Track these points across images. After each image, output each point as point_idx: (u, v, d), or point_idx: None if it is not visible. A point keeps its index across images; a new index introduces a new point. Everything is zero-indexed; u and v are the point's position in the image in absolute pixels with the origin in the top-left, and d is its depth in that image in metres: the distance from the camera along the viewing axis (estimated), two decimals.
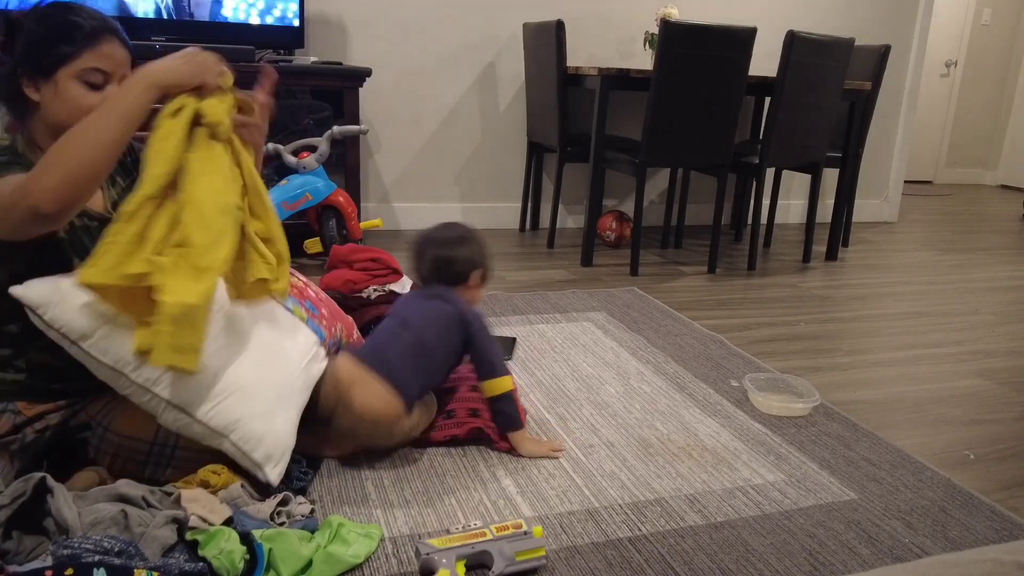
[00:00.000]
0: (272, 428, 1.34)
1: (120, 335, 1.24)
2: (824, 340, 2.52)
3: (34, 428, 1.32)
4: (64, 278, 1.25)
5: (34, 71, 1.26)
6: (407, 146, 3.70)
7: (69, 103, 1.26)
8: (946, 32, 6.55)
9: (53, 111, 1.27)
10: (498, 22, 3.68)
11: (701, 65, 2.97)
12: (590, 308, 2.66)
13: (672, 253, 3.66)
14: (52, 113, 1.27)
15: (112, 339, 1.23)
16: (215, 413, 1.29)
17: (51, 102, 1.27)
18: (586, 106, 3.86)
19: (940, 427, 1.92)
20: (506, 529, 1.26)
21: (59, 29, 1.26)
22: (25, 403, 1.32)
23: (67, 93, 1.26)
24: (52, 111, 1.27)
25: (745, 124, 4.15)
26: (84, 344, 1.23)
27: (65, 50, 1.25)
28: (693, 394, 2.00)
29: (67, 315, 1.22)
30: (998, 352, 2.49)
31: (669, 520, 1.43)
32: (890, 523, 1.46)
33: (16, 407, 1.31)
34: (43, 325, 1.22)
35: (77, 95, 1.26)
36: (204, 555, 1.11)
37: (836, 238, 3.68)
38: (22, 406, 1.31)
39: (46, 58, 1.25)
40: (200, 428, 1.29)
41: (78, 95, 1.26)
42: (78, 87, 1.26)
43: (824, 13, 4.25)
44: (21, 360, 1.31)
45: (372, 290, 2.15)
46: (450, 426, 1.63)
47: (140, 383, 1.25)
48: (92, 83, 1.27)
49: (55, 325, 1.22)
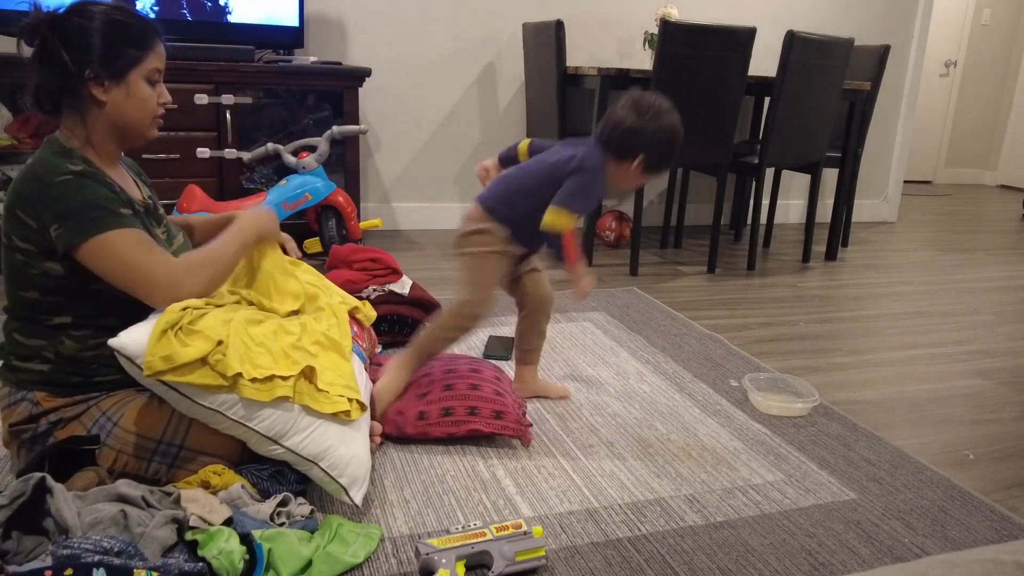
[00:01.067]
0: (355, 452, 1.37)
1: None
2: (824, 340, 2.52)
3: (48, 419, 1.33)
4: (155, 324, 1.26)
5: (106, 73, 1.30)
6: (407, 146, 3.70)
7: (141, 103, 1.35)
8: (946, 32, 6.56)
9: (125, 111, 1.34)
10: (498, 22, 3.68)
11: (700, 65, 2.97)
12: (590, 308, 2.66)
13: (672, 253, 3.66)
14: (123, 113, 1.34)
15: None
16: (308, 442, 1.32)
17: (122, 103, 1.33)
18: (586, 106, 3.86)
19: (940, 427, 1.92)
20: (506, 529, 1.26)
21: (126, 32, 1.31)
22: (45, 394, 1.33)
23: (139, 94, 1.34)
24: (123, 111, 1.34)
25: (745, 124, 4.15)
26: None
27: (136, 53, 1.32)
28: (693, 394, 2.00)
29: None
30: (997, 352, 2.49)
31: (669, 520, 1.43)
32: (890, 523, 1.46)
33: (35, 397, 1.33)
34: (139, 374, 1.24)
35: (147, 95, 1.35)
36: (204, 555, 1.11)
37: (836, 238, 3.68)
38: (40, 397, 1.33)
39: (119, 60, 1.31)
40: (291, 456, 1.33)
41: (148, 95, 1.35)
42: (146, 87, 1.35)
43: (824, 13, 4.25)
44: (51, 351, 1.33)
45: (372, 290, 2.15)
46: (448, 424, 1.63)
47: (237, 420, 1.29)
48: (153, 81, 1.36)
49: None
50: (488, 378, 1.75)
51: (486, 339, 2.28)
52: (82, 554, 1.00)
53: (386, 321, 2.15)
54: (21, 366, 1.34)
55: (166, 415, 1.34)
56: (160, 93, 1.38)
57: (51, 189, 1.26)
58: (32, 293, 1.31)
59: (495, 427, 1.63)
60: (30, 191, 1.27)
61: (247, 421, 1.29)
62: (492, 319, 2.48)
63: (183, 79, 2.82)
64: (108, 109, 1.32)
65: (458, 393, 1.67)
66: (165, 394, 1.27)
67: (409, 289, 2.19)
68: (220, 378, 1.25)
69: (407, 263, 3.14)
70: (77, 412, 1.34)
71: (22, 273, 1.30)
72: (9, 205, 1.28)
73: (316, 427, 1.33)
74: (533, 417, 1.81)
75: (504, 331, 2.37)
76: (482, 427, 1.62)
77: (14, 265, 1.31)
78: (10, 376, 1.35)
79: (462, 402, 1.65)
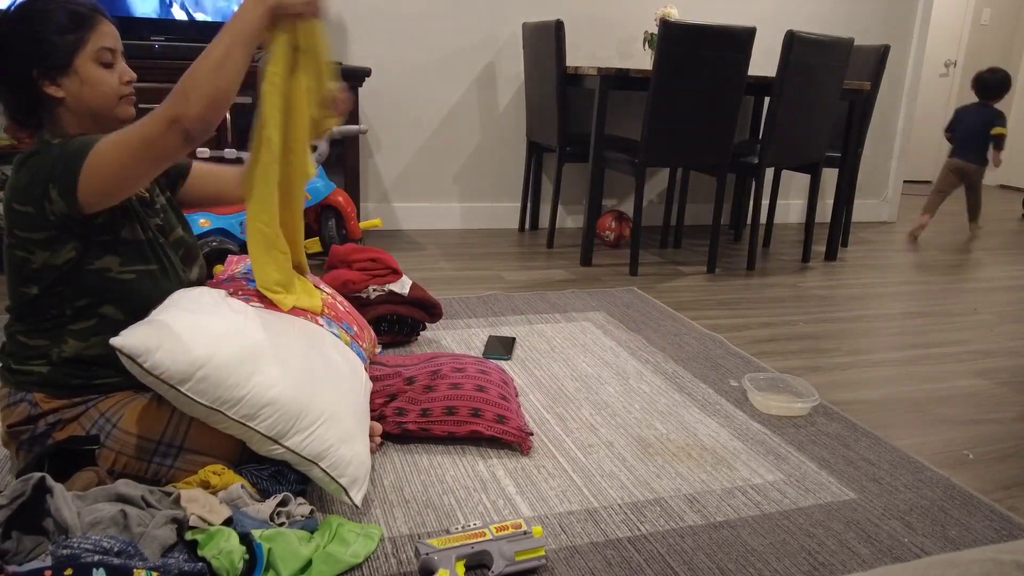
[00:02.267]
0: (356, 452, 1.37)
1: (216, 376, 1.27)
2: (823, 340, 2.52)
3: (47, 420, 1.33)
4: (157, 323, 1.27)
5: (52, 68, 1.28)
6: (406, 146, 3.70)
7: (97, 86, 1.30)
8: (945, 32, 6.56)
9: (83, 99, 1.30)
10: (498, 22, 3.68)
11: (700, 65, 2.97)
12: (589, 308, 2.66)
13: (671, 253, 3.66)
14: (83, 102, 1.30)
15: (209, 381, 1.26)
16: (308, 442, 1.32)
17: (79, 92, 1.30)
18: (585, 106, 3.86)
19: (939, 427, 1.92)
20: (506, 529, 1.26)
21: (57, 20, 1.27)
22: (43, 395, 1.33)
23: (92, 77, 1.30)
24: (82, 99, 1.30)
25: (744, 124, 4.15)
26: (183, 388, 1.25)
27: (73, 38, 1.27)
28: (692, 394, 2.00)
29: (168, 361, 1.23)
30: (997, 352, 2.49)
31: (668, 520, 1.43)
32: (889, 523, 1.46)
33: (34, 398, 1.33)
34: (141, 373, 1.23)
35: (102, 76, 1.31)
36: (203, 555, 1.11)
37: (835, 238, 3.68)
38: (39, 398, 1.33)
39: (59, 51, 1.27)
40: (292, 456, 1.32)
41: (102, 76, 1.31)
42: (98, 69, 1.30)
43: (824, 13, 4.25)
44: (53, 351, 1.33)
45: (371, 290, 2.15)
46: (450, 423, 1.63)
47: (238, 419, 1.28)
48: (106, 63, 1.31)
49: (155, 372, 1.23)
50: (495, 381, 1.75)
51: (486, 339, 2.28)
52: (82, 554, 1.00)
53: (386, 321, 2.15)
54: (21, 368, 1.34)
55: (165, 416, 1.34)
56: (121, 72, 1.34)
57: (35, 164, 1.25)
58: (33, 289, 1.31)
59: (496, 431, 1.63)
60: (19, 180, 1.26)
61: (248, 420, 1.29)
62: (492, 319, 2.48)
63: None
64: (68, 102, 1.30)
65: (464, 393, 1.67)
66: (166, 393, 1.27)
67: (409, 289, 2.19)
68: None
69: (407, 263, 3.14)
70: (76, 413, 1.34)
71: (23, 269, 1.30)
72: (6, 201, 1.28)
73: (317, 427, 1.33)
74: (533, 417, 1.81)
75: (504, 331, 2.37)
76: (483, 430, 1.62)
77: (14, 263, 1.31)
78: (9, 377, 1.35)
79: (467, 403, 1.65)
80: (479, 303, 2.64)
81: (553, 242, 3.63)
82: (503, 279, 3.00)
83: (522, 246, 3.61)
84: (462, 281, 2.95)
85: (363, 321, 1.90)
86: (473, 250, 3.46)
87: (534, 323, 2.47)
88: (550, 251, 3.53)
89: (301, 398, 1.33)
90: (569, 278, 3.08)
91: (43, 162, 1.25)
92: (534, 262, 3.31)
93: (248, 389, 1.28)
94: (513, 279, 3.01)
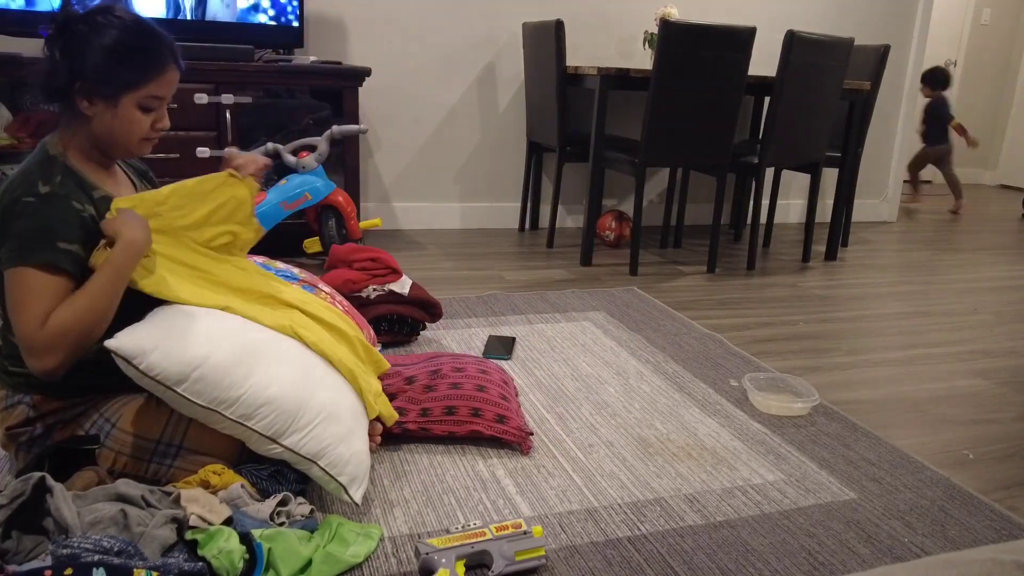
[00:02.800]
0: (354, 450, 1.37)
1: (213, 376, 1.26)
2: (823, 340, 2.52)
3: (45, 422, 1.33)
4: (151, 325, 1.26)
5: (95, 90, 1.26)
6: (406, 146, 3.70)
7: (127, 126, 1.29)
8: (945, 32, 6.55)
9: (106, 130, 1.29)
10: (498, 22, 3.68)
11: (700, 65, 2.97)
12: (589, 308, 2.66)
13: (671, 253, 3.66)
14: (104, 132, 1.29)
15: (205, 381, 1.26)
16: (306, 441, 1.32)
17: (107, 122, 1.28)
18: (585, 106, 3.86)
19: (939, 427, 1.92)
20: (506, 529, 1.26)
21: (134, 52, 1.26)
22: (41, 397, 1.33)
23: (127, 117, 1.29)
24: (105, 130, 1.29)
25: (744, 124, 4.15)
26: (179, 389, 1.25)
27: (133, 78, 1.27)
28: (692, 394, 2.00)
29: (164, 362, 1.23)
30: (997, 352, 2.49)
31: (668, 520, 1.43)
32: (889, 523, 1.46)
33: (31, 400, 1.33)
34: (137, 375, 1.23)
35: (136, 119, 1.29)
36: (204, 555, 1.11)
37: (835, 238, 3.68)
38: (37, 400, 1.33)
39: (113, 82, 1.26)
40: (290, 455, 1.32)
41: (137, 119, 1.30)
42: (137, 112, 1.29)
43: (824, 13, 4.25)
44: None
45: (372, 290, 2.15)
46: (450, 423, 1.63)
47: (235, 419, 1.28)
48: (147, 108, 1.30)
49: (151, 373, 1.23)
50: (495, 381, 1.75)
51: (486, 339, 2.28)
52: (82, 554, 1.00)
53: (386, 321, 2.15)
54: (18, 369, 1.33)
55: (164, 416, 1.34)
56: (157, 118, 1.33)
57: (14, 207, 1.22)
58: None
59: (496, 431, 1.63)
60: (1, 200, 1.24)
61: (245, 420, 1.28)
62: (492, 319, 2.48)
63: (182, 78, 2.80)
64: (94, 124, 1.29)
65: (464, 393, 1.67)
66: (163, 395, 1.26)
67: (409, 289, 2.19)
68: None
69: (407, 263, 3.14)
70: (74, 414, 1.34)
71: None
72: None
73: (315, 426, 1.33)
74: (533, 417, 1.81)
75: (504, 331, 2.37)
76: (483, 429, 1.62)
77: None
78: (6, 379, 1.34)
79: (467, 403, 1.65)
80: (479, 303, 2.64)
81: (553, 242, 3.62)
82: (503, 279, 3.00)
83: (522, 246, 3.60)
84: (462, 281, 2.95)
85: (363, 321, 1.90)
86: (473, 250, 3.46)
87: (534, 323, 2.47)
88: (550, 251, 3.53)
89: (298, 397, 1.33)
90: (569, 278, 3.08)
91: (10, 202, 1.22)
92: (534, 262, 3.31)
93: (245, 389, 1.28)
94: (513, 279, 3.01)
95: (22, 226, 1.22)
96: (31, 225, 1.22)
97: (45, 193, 1.24)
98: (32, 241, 1.22)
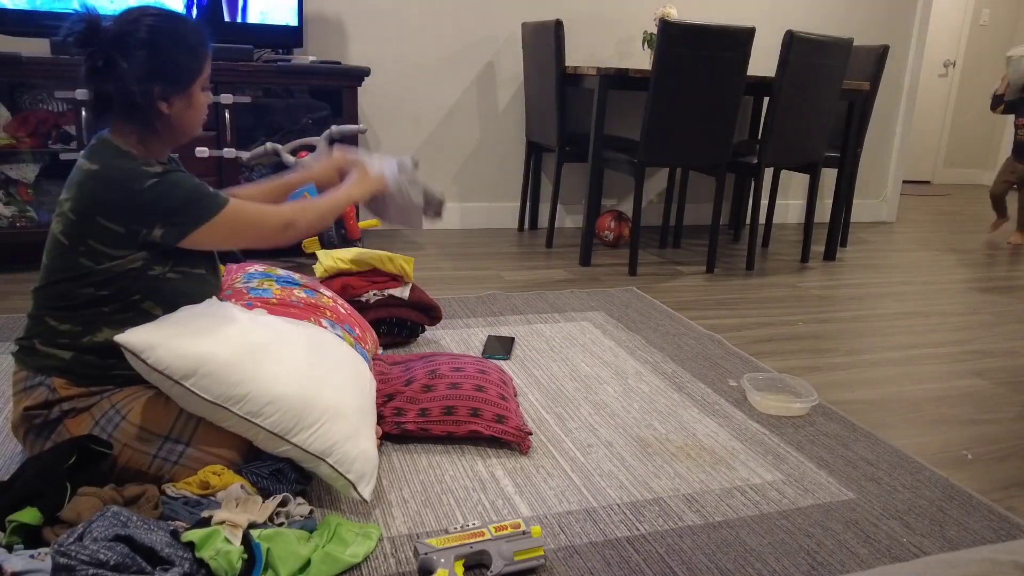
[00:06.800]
0: (362, 448, 1.38)
1: (220, 372, 1.28)
2: (822, 340, 2.52)
3: (61, 407, 1.34)
4: (161, 321, 1.31)
5: (172, 88, 1.35)
6: (406, 145, 3.70)
7: (199, 112, 1.42)
8: (945, 32, 6.56)
9: (186, 120, 1.40)
10: (497, 22, 3.68)
11: (700, 65, 2.97)
12: (588, 308, 2.66)
13: (670, 253, 3.66)
14: (183, 122, 1.40)
15: (213, 377, 1.28)
16: (314, 439, 1.33)
17: (184, 113, 1.39)
18: (585, 106, 3.86)
19: (938, 427, 1.93)
20: (504, 529, 1.26)
21: (186, 46, 1.35)
22: (63, 381, 1.34)
23: (199, 103, 1.41)
24: (185, 120, 1.40)
25: (744, 124, 4.15)
26: (187, 383, 1.27)
27: (197, 64, 1.38)
28: (691, 394, 2.00)
29: (170, 356, 1.26)
30: (996, 352, 2.49)
31: (667, 520, 1.43)
32: (888, 523, 1.46)
33: (52, 384, 1.34)
34: (146, 369, 1.26)
35: (204, 102, 1.43)
36: (201, 556, 1.10)
37: (834, 238, 3.68)
38: (58, 384, 1.34)
39: (184, 75, 1.36)
40: (299, 453, 1.34)
41: (204, 102, 1.43)
42: (203, 96, 1.42)
43: (823, 13, 4.26)
44: (86, 338, 1.34)
45: (372, 295, 2.14)
46: (449, 423, 1.63)
47: (243, 415, 1.30)
48: (205, 88, 1.42)
49: (159, 367, 1.25)
50: (494, 381, 1.75)
51: (485, 339, 2.28)
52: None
53: (385, 323, 2.14)
54: (44, 350, 1.34)
55: (174, 412, 1.35)
56: (207, 97, 1.44)
57: (144, 195, 1.30)
58: (88, 289, 1.32)
59: (495, 431, 1.63)
60: (116, 199, 1.29)
61: (253, 417, 1.30)
62: (491, 319, 2.48)
63: None
64: (171, 119, 1.37)
65: (463, 393, 1.67)
66: (171, 390, 1.28)
67: (408, 292, 2.19)
68: None
69: None
70: (89, 403, 1.35)
71: (82, 273, 1.31)
72: (85, 212, 1.30)
73: (322, 424, 1.34)
74: (532, 417, 1.81)
75: (503, 331, 2.37)
76: (482, 429, 1.62)
77: (72, 266, 1.32)
78: (29, 361, 1.35)
79: (466, 403, 1.65)
80: (478, 303, 2.64)
81: (552, 242, 3.63)
82: (502, 279, 3.00)
83: (521, 246, 3.61)
84: (461, 281, 2.95)
85: (365, 323, 1.90)
86: (472, 250, 3.46)
87: (533, 323, 2.47)
88: (549, 251, 3.53)
89: (305, 395, 1.34)
90: (568, 278, 3.08)
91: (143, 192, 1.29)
92: (533, 262, 3.31)
93: (252, 386, 1.29)
94: (512, 279, 3.01)
95: (176, 199, 1.32)
96: (182, 195, 1.32)
97: (159, 172, 1.33)
98: (196, 200, 1.34)
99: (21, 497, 1.15)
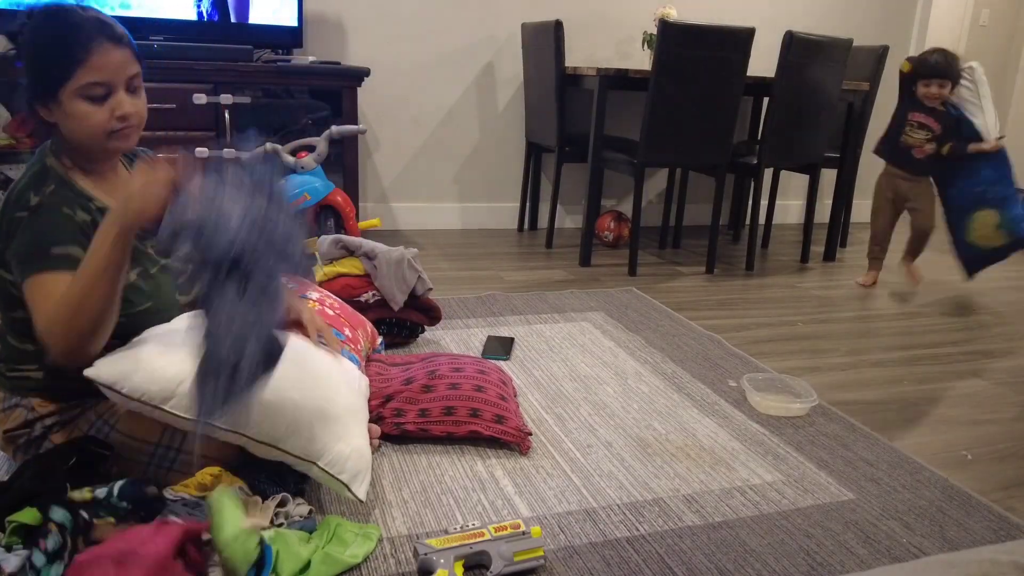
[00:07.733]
0: (354, 447, 1.37)
1: None
2: (822, 340, 2.52)
3: (43, 423, 1.33)
4: (130, 348, 1.27)
5: (40, 95, 1.24)
6: (405, 146, 3.70)
7: (80, 121, 1.23)
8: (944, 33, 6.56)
9: (68, 130, 1.26)
10: (497, 22, 3.68)
11: (699, 65, 2.97)
12: (588, 308, 2.66)
13: (670, 253, 3.66)
14: (68, 132, 1.26)
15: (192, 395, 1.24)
16: (304, 443, 1.32)
17: (65, 122, 1.25)
18: (584, 106, 3.86)
19: (938, 427, 1.93)
20: (504, 529, 1.26)
21: (48, 48, 1.22)
22: (40, 400, 1.33)
23: (77, 111, 1.23)
24: (68, 131, 1.26)
25: (743, 124, 4.15)
26: (167, 406, 1.25)
27: (57, 71, 1.20)
28: (691, 394, 2.00)
29: (145, 383, 1.23)
30: (996, 352, 2.49)
31: (667, 520, 1.43)
32: (888, 523, 1.46)
33: (30, 403, 1.32)
34: (121, 399, 1.23)
35: (87, 112, 1.23)
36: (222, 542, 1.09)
37: (834, 238, 3.68)
38: (36, 402, 1.32)
39: (45, 81, 1.22)
40: (289, 458, 1.32)
41: (87, 112, 1.23)
42: (83, 104, 1.22)
43: (822, 14, 4.26)
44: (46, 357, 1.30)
45: (371, 295, 2.14)
46: (448, 423, 1.63)
47: (228, 429, 1.28)
48: (94, 97, 1.23)
49: (135, 396, 1.23)
50: (494, 381, 1.75)
51: (485, 339, 2.28)
52: None
53: (385, 323, 2.14)
54: (14, 373, 1.32)
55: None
56: (115, 106, 1.24)
57: (11, 226, 1.23)
58: (19, 312, 1.27)
59: (495, 431, 1.63)
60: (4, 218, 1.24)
61: (239, 428, 1.28)
62: (491, 319, 2.48)
63: (181, 79, 2.82)
64: (61, 129, 1.26)
65: (463, 393, 1.67)
66: (151, 414, 1.26)
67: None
68: None
69: None
70: (72, 416, 1.33)
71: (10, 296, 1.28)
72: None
73: (311, 427, 1.33)
74: (532, 417, 1.81)
75: (503, 331, 2.37)
76: (482, 430, 1.62)
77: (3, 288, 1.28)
78: (4, 382, 1.34)
79: (465, 403, 1.65)
80: (478, 303, 2.64)
81: (552, 242, 3.63)
82: (502, 279, 3.00)
83: (521, 246, 3.60)
84: (461, 281, 2.95)
85: (357, 320, 1.90)
86: (472, 250, 3.46)
87: (533, 323, 2.47)
88: (549, 251, 3.53)
89: (291, 400, 1.32)
90: (568, 278, 3.08)
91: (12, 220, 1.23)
92: (533, 262, 3.31)
93: None
94: (512, 279, 3.01)
95: (19, 242, 1.22)
96: (25, 239, 1.22)
97: (35, 205, 1.24)
98: (29, 255, 1.21)
99: (20, 497, 1.15)
